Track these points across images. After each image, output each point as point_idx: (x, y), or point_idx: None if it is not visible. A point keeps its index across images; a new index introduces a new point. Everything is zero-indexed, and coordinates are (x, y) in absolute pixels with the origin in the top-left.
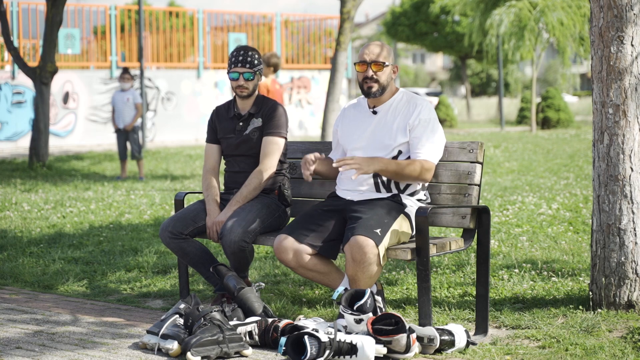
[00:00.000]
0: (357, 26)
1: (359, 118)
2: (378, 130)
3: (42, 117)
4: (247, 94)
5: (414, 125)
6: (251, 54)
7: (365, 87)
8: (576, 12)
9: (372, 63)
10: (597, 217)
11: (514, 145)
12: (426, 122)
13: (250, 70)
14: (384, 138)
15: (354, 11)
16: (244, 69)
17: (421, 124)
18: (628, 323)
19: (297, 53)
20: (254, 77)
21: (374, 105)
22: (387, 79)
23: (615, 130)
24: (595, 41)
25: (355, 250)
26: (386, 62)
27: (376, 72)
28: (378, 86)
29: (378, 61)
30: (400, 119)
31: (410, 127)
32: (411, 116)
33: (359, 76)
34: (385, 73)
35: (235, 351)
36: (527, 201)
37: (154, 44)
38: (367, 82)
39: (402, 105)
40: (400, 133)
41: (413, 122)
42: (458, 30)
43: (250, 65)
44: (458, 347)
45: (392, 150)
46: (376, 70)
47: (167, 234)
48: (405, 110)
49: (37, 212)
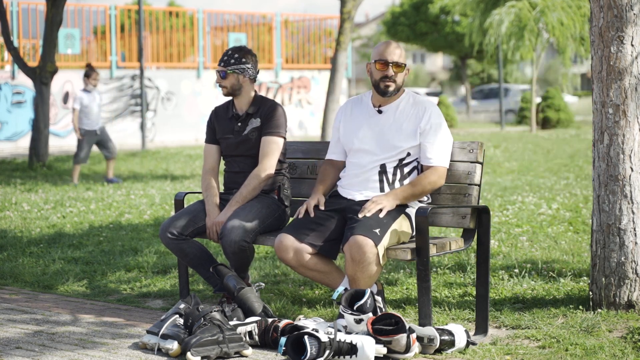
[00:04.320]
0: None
1: (363, 116)
2: (386, 131)
3: (42, 117)
4: (225, 92)
5: (425, 129)
6: (230, 54)
7: (382, 85)
8: (576, 12)
9: (394, 64)
10: (597, 217)
11: (514, 145)
12: (437, 127)
13: (223, 68)
14: (394, 139)
15: (354, 11)
16: (219, 67)
17: (433, 129)
18: (628, 323)
19: (297, 53)
20: (226, 75)
21: (379, 104)
22: (403, 80)
23: (615, 130)
24: (595, 41)
25: (355, 250)
26: (405, 64)
27: (396, 72)
28: (395, 86)
29: (399, 62)
30: (411, 121)
31: (421, 131)
32: (422, 120)
33: (376, 74)
34: (402, 74)
35: (235, 351)
36: (527, 201)
37: (154, 44)
38: (386, 81)
39: (411, 107)
40: (411, 136)
41: (424, 126)
42: (458, 30)
43: (225, 64)
44: (458, 347)
45: (401, 152)
46: (397, 72)
47: (167, 234)
48: (414, 112)
49: (37, 212)
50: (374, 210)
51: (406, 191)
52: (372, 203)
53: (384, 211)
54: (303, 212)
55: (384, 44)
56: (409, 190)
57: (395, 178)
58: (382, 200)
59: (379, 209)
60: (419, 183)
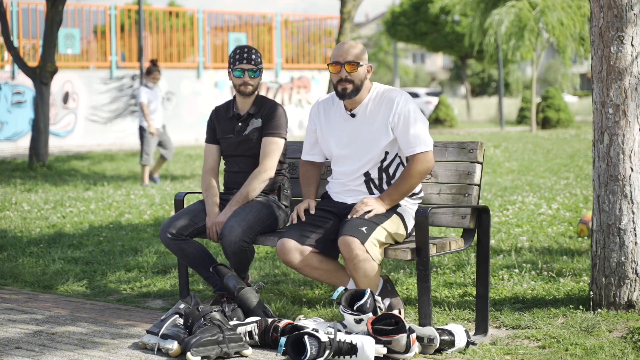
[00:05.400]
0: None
1: (337, 121)
2: (361, 136)
3: (42, 117)
4: (251, 91)
5: (395, 122)
6: (255, 52)
7: (339, 88)
8: (576, 12)
9: (346, 63)
10: (597, 217)
11: (514, 145)
12: (407, 114)
13: (254, 67)
14: (369, 141)
15: (354, 11)
16: (249, 66)
17: (403, 118)
18: (628, 323)
19: (297, 53)
20: (258, 74)
21: (351, 107)
22: (362, 79)
23: (615, 130)
24: (595, 41)
25: (344, 250)
26: (360, 62)
27: (350, 72)
28: (352, 86)
29: (352, 61)
30: (380, 118)
31: (392, 125)
32: (390, 113)
33: (332, 77)
34: (359, 73)
35: (235, 351)
36: (527, 201)
37: (154, 44)
38: (342, 83)
39: (379, 104)
40: (383, 133)
41: (393, 119)
42: (458, 30)
43: (255, 63)
44: (458, 347)
45: (379, 154)
46: (350, 71)
47: (167, 235)
48: (382, 108)
49: (37, 212)
50: (361, 212)
51: (393, 193)
52: (361, 204)
53: (371, 213)
54: (295, 218)
55: (338, 45)
56: (396, 190)
57: (381, 182)
58: (371, 203)
59: (367, 210)
60: (403, 180)
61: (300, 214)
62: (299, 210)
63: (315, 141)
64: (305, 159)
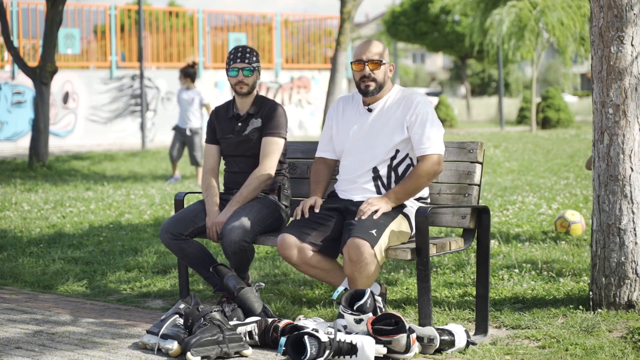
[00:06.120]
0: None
1: (354, 116)
2: (374, 130)
3: (42, 117)
4: (247, 90)
5: (412, 121)
6: (250, 51)
7: (362, 85)
8: (576, 12)
9: (369, 62)
10: (597, 217)
11: (514, 145)
12: (424, 116)
13: (249, 65)
14: (381, 135)
15: (354, 11)
16: (243, 64)
17: (420, 119)
18: (628, 323)
19: (297, 53)
20: (252, 73)
21: (369, 103)
22: (384, 77)
23: (615, 130)
24: (595, 41)
25: (352, 252)
26: (383, 60)
27: (373, 70)
28: (375, 85)
29: (375, 59)
30: (397, 116)
31: (408, 124)
32: (408, 112)
33: (355, 75)
34: (381, 71)
35: (235, 351)
36: (527, 201)
37: (153, 44)
38: (365, 81)
39: (397, 102)
40: (398, 131)
41: (410, 118)
42: (458, 30)
43: (249, 61)
44: (458, 347)
45: (389, 150)
46: (373, 69)
47: (167, 235)
48: (400, 107)
49: (37, 212)
50: (369, 213)
51: (399, 192)
52: (367, 204)
53: (378, 213)
54: (299, 213)
55: (361, 43)
56: (402, 189)
57: (390, 181)
58: (377, 202)
59: (374, 211)
60: (410, 179)
61: (304, 211)
62: (304, 206)
63: (330, 138)
64: (319, 155)
